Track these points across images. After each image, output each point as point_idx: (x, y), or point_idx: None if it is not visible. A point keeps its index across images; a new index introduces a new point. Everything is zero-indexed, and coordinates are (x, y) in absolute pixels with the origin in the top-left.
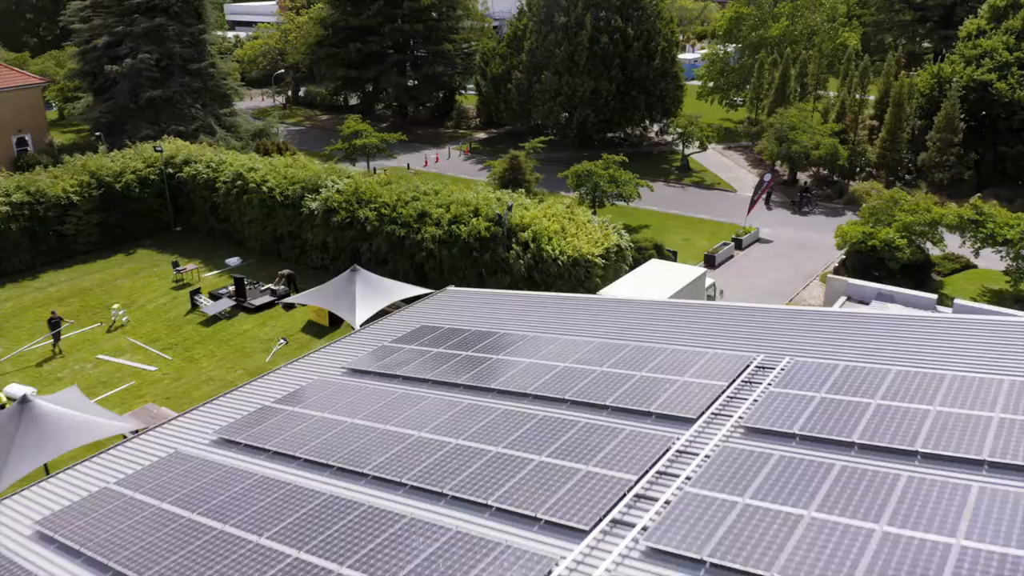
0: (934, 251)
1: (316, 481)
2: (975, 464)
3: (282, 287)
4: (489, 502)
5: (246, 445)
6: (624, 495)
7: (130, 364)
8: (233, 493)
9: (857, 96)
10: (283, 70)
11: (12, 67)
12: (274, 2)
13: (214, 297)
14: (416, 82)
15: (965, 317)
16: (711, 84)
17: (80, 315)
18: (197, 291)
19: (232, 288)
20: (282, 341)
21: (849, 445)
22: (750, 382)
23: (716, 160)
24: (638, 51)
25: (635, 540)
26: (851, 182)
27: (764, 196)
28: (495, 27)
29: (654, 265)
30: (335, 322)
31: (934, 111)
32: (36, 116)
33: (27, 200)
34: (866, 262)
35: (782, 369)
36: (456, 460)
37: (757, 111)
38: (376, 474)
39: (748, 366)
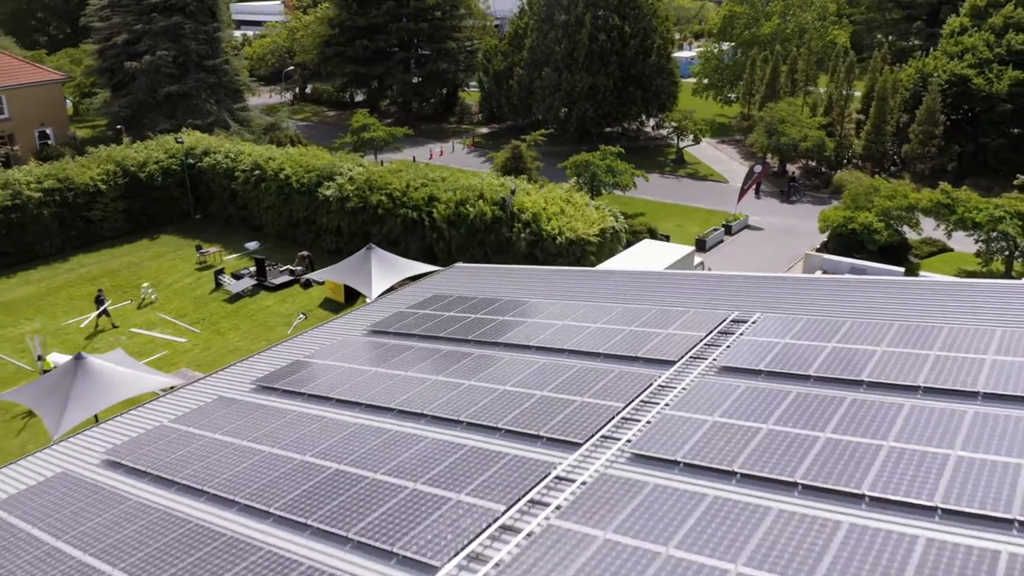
0: (912, 235)
1: (348, 416)
2: (912, 389)
3: (300, 268)
4: (499, 425)
5: (283, 390)
6: (613, 417)
7: (162, 336)
8: (276, 425)
9: (844, 91)
10: (293, 67)
11: (33, 63)
12: (279, 2)
13: (236, 277)
14: (420, 79)
15: (914, 279)
16: (706, 81)
17: (111, 293)
18: (220, 271)
19: (253, 269)
20: (301, 316)
21: (806, 377)
22: (726, 332)
23: (709, 153)
24: (634, 48)
25: (621, 450)
26: (836, 172)
27: (754, 186)
28: (496, 26)
29: (646, 244)
30: (351, 298)
31: (917, 105)
32: (57, 110)
33: (57, 187)
34: (846, 244)
35: (753, 322)
36: (469, 396)
37: (749, 106)
38: (400, 408)
39: (724, 320)
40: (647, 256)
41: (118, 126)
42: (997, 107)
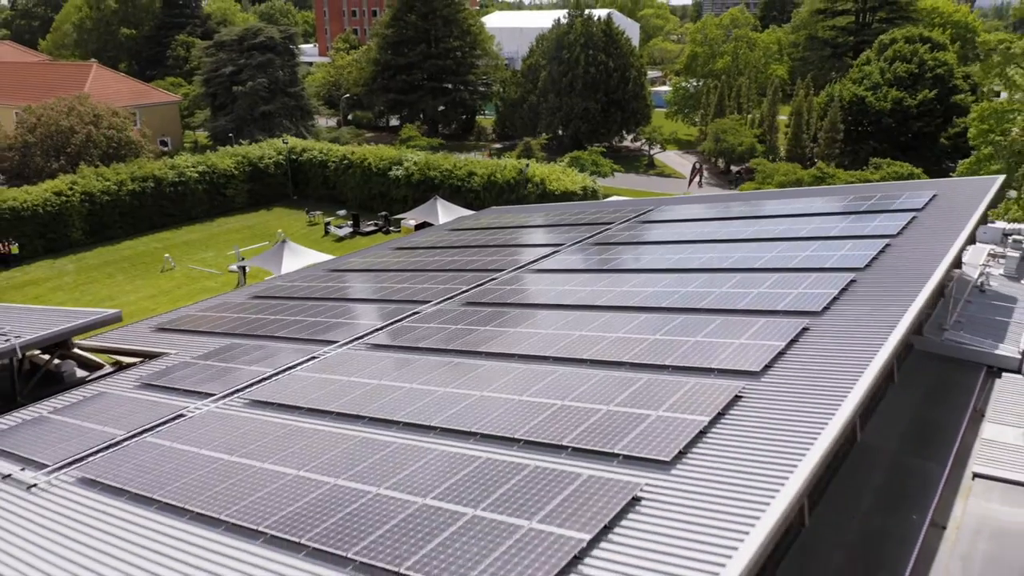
0: None
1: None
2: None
3: (381, 222)
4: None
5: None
6: (571, 237)
7: None
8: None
9: (774, 111)
10: (347, 95)
11: (157, 88)
12: (313, 45)
13: (339, 227)
14: (444, 107)
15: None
16: (675, 108)
17: (255, 239)
18: (328, 223)
19: (351, 222)
20: None
21: (682, 220)
22: (649, 211)
23: (675, 160)
24: (616, 79)
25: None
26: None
27: (698, 178)
28: (506, 64)
29: (614, 198)
30: None
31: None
32: (174, 124)
33: (207, 170)
34: None
35: (658, 209)
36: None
37: (705, 124)
38: (421, 264)
39: (647, 207)
40: None
41: (229, 134)
42: (883, 120)
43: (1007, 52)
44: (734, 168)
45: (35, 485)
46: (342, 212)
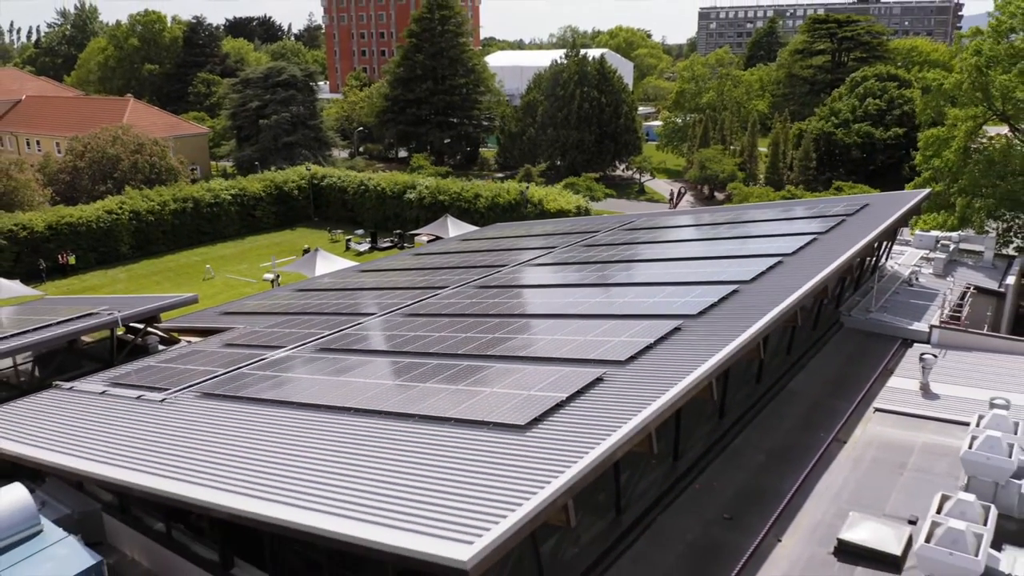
0: None
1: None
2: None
3: (395, 239)
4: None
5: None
6: (550, 248)
7: None
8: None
9: (753, 142)
10: (361, 128)
11: (189, 121)
12: (323, 83)
13: (359, 244)
14: (450, 139)
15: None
16: (665, 140)
17: (282, 254)
18: (349, 239)
19: (369, 239)
20: None
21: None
22: (632, 222)
23: (664, 187)
24: (609, 114)
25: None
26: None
27: (677, 200)
28: (507, 100)
29: (604, 216)
30: None
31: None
32: (203, 154)
33: (239, 193)
34: None
35: (637, 218)
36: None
37: (692, 154)
38: (439, 264)
39: (629, 220)
40: None
41: (255, 163)
42: (852, 152)
43: (939, 87)
44: (718, 195)
45: (164, 400)
46: (360, 231)
